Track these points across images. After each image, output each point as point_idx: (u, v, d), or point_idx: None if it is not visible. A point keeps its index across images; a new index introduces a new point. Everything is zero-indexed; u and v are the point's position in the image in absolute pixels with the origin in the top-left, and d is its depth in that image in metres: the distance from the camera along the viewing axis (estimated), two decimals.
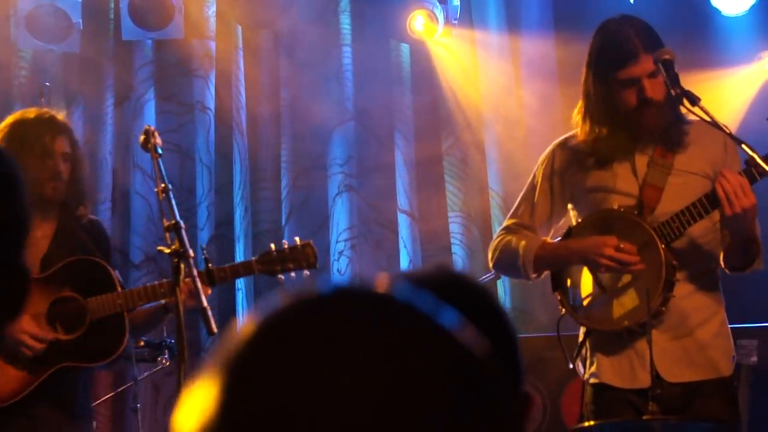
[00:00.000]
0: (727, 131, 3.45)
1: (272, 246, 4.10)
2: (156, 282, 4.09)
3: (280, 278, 4.09)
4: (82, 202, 4.22)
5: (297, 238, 4.14)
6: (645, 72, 3.52)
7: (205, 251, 4.03)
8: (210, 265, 3.93)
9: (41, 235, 4.10)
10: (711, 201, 3.47)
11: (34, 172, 4.00)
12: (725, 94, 6.14)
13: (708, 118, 3.43)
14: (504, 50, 6.70)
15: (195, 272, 3.44)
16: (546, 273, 3.73)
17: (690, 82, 3.52)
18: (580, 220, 3.68)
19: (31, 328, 3.94)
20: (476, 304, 1.46)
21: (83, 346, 4.01)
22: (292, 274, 4.10)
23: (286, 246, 4.10)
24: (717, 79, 6.18)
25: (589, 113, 3.65)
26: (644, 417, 3.32)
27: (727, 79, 6.28)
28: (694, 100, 3.44)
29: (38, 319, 3.99)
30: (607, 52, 3.61)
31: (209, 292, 3.85)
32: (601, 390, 3.60)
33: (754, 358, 5.49)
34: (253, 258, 4.12)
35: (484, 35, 6.73)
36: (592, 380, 3.62)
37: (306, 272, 4.11)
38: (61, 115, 4.24)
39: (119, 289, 4.04)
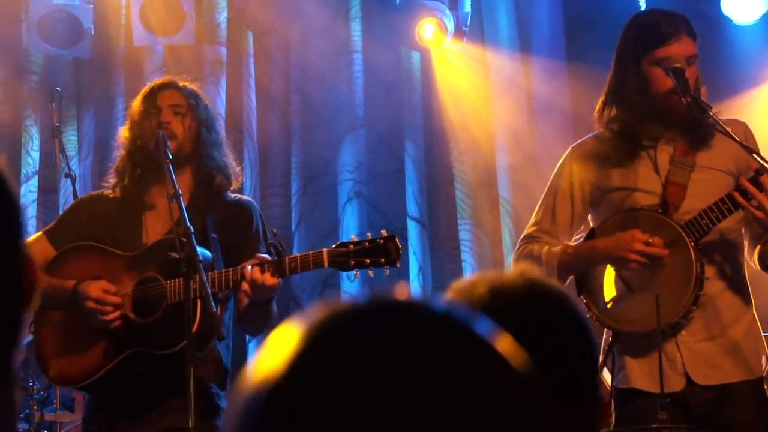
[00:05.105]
0: (737, 140, 3.42)
1: (353, 237, 3.64)
2: (230, 269, 3.64)
3: (356, 274, 3.62)
4: (217, 168, 3.88)
5: (383, 231, 3.64)
6: (685, 53, 3.45)
7: (277, 237, 3.59)
8: (281, 254, 3.57)
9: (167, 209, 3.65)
10: (742, 196, 3.36)
11: (146, 135, 3.80)
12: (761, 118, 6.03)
13: (720, 127, 3.42)
14: (515, 58, 6.70)
15: (205, 278, 3.43)
16: (570, 279, 3.60)
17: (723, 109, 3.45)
18: (603, 220, 3.57)
19: (96, 294, 3.71)
20: (557, 311, 1.52)
21: (156, 331, 3.68)
22: (370, 271, 3.61)
23: (369, 237, 3.61)
24: (748, 105, 6.10)
25: (618, 98, 3.53)
26: (653, 426, 3.21)
27: (760, 101, 6.20)
28: (704, 109, 3.42)
29: (123, 300, 3.73)
30: (647, 31, 3.50)
31: (276, 282, 3.57)
32: (630, 395, 3.47)
33: None
34: (326, 249, 3.61)
35: (494, 43, 6.73)
36: (620, 385, 3.49)
37: (386, 270, 3.60)
38: (182, 81, 3.94)
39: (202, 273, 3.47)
